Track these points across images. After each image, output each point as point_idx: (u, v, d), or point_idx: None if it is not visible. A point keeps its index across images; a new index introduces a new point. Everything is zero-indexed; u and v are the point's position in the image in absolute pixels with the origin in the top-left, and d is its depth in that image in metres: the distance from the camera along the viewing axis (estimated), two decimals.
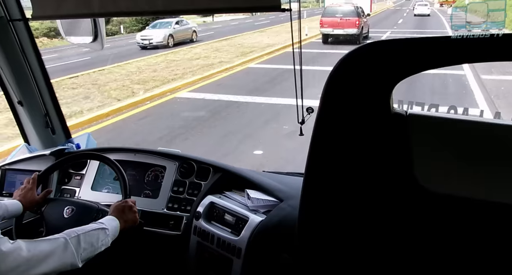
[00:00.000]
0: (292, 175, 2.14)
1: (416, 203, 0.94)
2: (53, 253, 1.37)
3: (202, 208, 1.93)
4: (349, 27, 16.94)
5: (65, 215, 1.82)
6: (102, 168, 2.23)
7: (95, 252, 1.51)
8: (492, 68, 9.90)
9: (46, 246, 1.37)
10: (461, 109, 1.14)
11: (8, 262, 1.24)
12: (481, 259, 0.93)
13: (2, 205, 1.71)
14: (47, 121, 2.36)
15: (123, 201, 1.76)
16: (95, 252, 1.51)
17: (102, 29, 2.09)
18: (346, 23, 17.15)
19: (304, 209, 1.05)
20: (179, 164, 2.12)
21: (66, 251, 1.40)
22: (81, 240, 1.46)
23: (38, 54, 2.26)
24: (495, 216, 0.89)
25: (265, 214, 1.77)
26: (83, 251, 1.45)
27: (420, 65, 0.89)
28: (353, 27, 16.91)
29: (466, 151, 0.90)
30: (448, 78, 9.86)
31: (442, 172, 0.91)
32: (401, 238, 0.98)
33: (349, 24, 16.94)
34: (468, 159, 0.89)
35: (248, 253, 1.72)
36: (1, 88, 2.28)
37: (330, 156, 0.98)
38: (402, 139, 0.91)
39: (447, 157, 0.90)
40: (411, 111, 0.94)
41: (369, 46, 0.92)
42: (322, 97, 0.94)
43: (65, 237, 1.43)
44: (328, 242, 1.05)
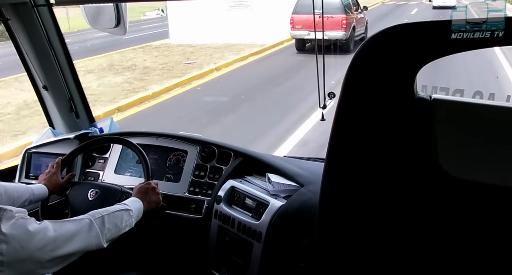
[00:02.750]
0: (313, 160, 2.13)
1: (441, 190, 0.93)
2: (79, 233, 1.40)
3: (223, 192, 1.95)
4: (332, 29, 11.63)
5: (90, 197, 1.85)
6: (125, 152, 2.26)
7: (119, 232, 1.54)
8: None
9: (71, 227, 1.40)
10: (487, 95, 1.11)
11: (35, 241, 1.27)
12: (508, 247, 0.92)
13: (29, 189, 1.75)
14: (71, 106, 2.40)
15: (146, 183, 1.78)
16: (119, 233, 1.54)
17: (125, 14, 2.10)
18: (327, 22, 11.51)
19: (325, 195, 1.05)
20: (200, 148, 2.14)
21: (91, 232, 1.43)
22: (106, 221, 1.48)
23: (62, 39, 2.28)
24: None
25: (286, 199, 1.78)
26: (107, 232, 1.48)
27: (446, 48, 0.87)
28: (338, 29, 11.87)
29: (492, 137, 0.88)
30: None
31: (467, 158, 0.90)
32: (424, 225, 0.97)
33: (332, 24, 11.61)
34: (494, 144, 0.88)
35: (268, 237, 1.73)
36: (26, 73, 2.32)
37: (352, 142, 0.97)
38: (426, 124, 0.90)
39: (472, 143, 0.89)
40: (436, 96, 0.93)
41: (393, 29, 0.90)
42: (344, 82, 0.93)
43: (90, 218, 1.46)
44: (348, 228, 1.05)
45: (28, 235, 1.26)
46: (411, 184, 0.95)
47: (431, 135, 0.90)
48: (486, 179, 0.89)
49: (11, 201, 1.66)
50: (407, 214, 0.98)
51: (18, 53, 2.24)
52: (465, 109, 0.91)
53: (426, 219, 0.96)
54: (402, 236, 1.00)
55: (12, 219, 1.24)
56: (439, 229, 0.96)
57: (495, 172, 0.89)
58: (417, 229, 0.98)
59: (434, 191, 0.93)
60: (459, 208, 0.93)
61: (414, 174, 0.94)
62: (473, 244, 0.94)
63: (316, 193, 1.09)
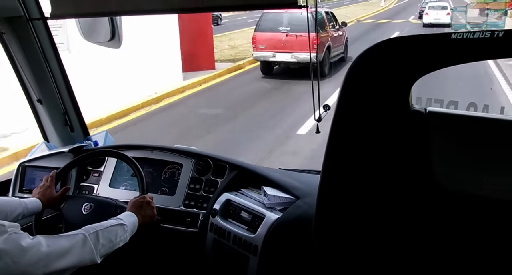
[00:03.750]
0: (308, 173, 2.13)
1: (435, 202, 0.93)
2: (72, 249, 1.38)
3: (219, 205, 1.94)
4: (301, 50, 9.82)
5: (84, 211, 1.84)
6: (120, 166, 2.25)
7: (113, 248, 1.52)
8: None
9: (65, 242, 1.38)
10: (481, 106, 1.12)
11: (28, 257, 1.26)
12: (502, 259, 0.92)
13: (22, 203, 1.74)
14: (65, 119, 2.39)
15: (141, 197, 1.77)
16: (114, 248, 1.52)
17: (119, 27, 2.11)
18: (296, 42, 10.09)
19: (321, 207, 1.05)
20: (195, 161, 2.13)
21: (85, 247, 1.42)
22: (100, 236, 1.47)
23: (57, 52, 2.28)
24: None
25: (281, 211, 1.77)
26: (101, 247, 1.46)
27: (440, 61, 0.87)
28: (308, 50, 9.06)
29: (486, 149, 0.88)
30: None
31: (461, 171, 0.90)
32: (419, 238, 0.97)
33: (301, 45, 9.86)
34: (489, 157, 0.88)
35: (264, 250, 1.72)
36: (21, 87, 2.31)
37: (348, 154, 0.97)
38: (421, 137, 0.90)
39: (467, 155, 0.89)
40: (431, 108, 0.93)
41: (388, 42, 0.91)
42: (340, 94, 0.93)
43: (84, 233, 1.44)
44: (344, 240, 1.04)
45: (21, 250, 1.25)
46: (406, 196, 0.95)
47: (426, 147, 0.90)
48: (480, 192, 0.89)
49: (4, 215, 1.64)
50: (402, 226, 0.97)
51: (13, 66, 2.24)
52: (459, 122, 0.92)
53: (421, 231, 0.96)
54: (397, 247, 0.99)
55: (4, 234, 1.23)
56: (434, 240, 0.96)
57: (490, 184, 0.89)
58: (412, 240, 0.97)
59: (429, 203, 0.93)
60: (453, 220, 0.93)
61: (409, 186, 0.94)
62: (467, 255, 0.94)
63: (312, 205, 1.08)
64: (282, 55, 10.56)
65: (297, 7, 1.63)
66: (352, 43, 13.26)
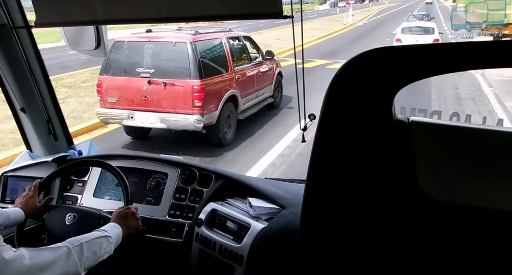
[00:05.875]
0: (294, 182, 2.13)
1: (420, 211, 0.93)
2: (56, 262, 1.36)
3: (204, 215, 1.92)
4: (173, 108, 6.14)
5: (67, 222, 1.81)
6: (104, 175, 2.23)
7: (98, 260, 1.50)
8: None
9: (48, 255, 1.36)
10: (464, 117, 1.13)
11: (11, 270, 1.23)
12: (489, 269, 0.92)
13: (4, 213, 1.71)
14: (49, 128, 2.37)
15: (126, 208, 1.75)
16: (98, 261, 1.50)
17: (105, 36, 2.10)
18: (163, 94, 6.14)
19: (306, 216, 1.05)
20: (181, 171, 2.12)
21: (68, 260, 1.39)
22: (84, 249, 1.45)
23: (41, 61, 2.27)
24: (497, 224, 0.89)
25: (267, 221, 1.76)
26: (86, 260, 1.44)
27: (422, 71, 0.88)
28: (185, 109, 6.06)
29: (469, 158, 0.89)
30: None
31: (445, 179, 0.91)
32: (404, 246, 0.97)
33: (171, 99, 6.13)
34: (471, 167, 0.89)
35: (250, 260, 1.71)
36: (4, 95, 2.28)
37: (332, 163, 0.97)
38: (404, 147, 0.91)
39: (450, 165, 0.90)
40: (413, 118, 0.94)
41: (371, 52, 0.91)
42: (323, 104, 0.93)
43: (68, 246, 1.42)
44: (330, 249, 1.04)
45: (3, 263, 1.23)
46: (391, 205, 0.95)
47: (410, 157, 0.91)
48: (464, 200, 0.89)
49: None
50: (388, 234, 0.98)
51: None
52: (442, 131, 0.93)
53: (406, 239, 0.97)
54: (383, 255, 1.00)
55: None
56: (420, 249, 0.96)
57: (474, 193, 0.89)
58: (398, 248, 0.98)
59: (414, 212, 0.94)
60: (439, 229, 0.94)
61: (393, 195, 0.94)
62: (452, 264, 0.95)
63: (297, 215, 1.08)
64: (144, 116, 6.26)
65: (282, 18, 1.64)
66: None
